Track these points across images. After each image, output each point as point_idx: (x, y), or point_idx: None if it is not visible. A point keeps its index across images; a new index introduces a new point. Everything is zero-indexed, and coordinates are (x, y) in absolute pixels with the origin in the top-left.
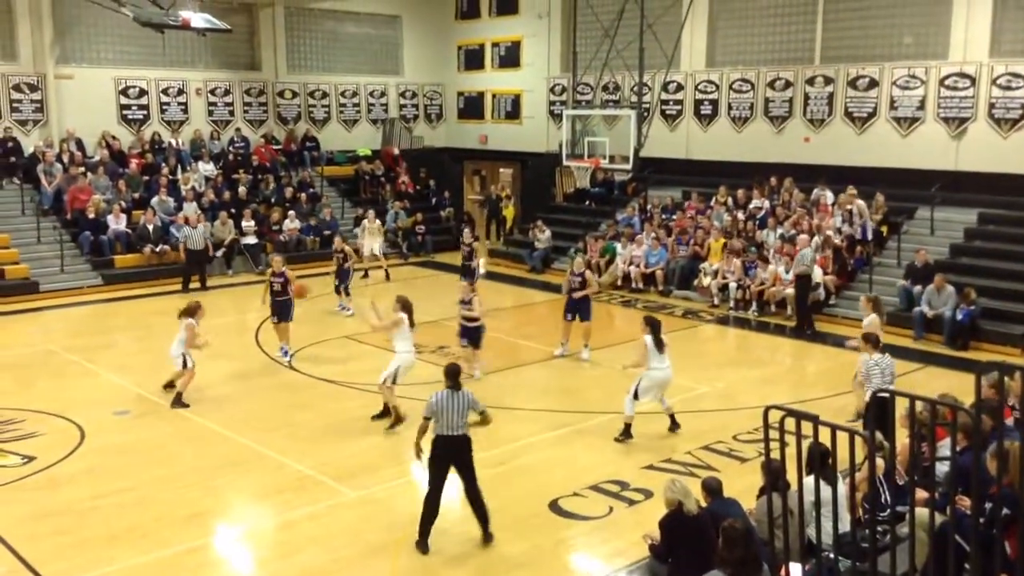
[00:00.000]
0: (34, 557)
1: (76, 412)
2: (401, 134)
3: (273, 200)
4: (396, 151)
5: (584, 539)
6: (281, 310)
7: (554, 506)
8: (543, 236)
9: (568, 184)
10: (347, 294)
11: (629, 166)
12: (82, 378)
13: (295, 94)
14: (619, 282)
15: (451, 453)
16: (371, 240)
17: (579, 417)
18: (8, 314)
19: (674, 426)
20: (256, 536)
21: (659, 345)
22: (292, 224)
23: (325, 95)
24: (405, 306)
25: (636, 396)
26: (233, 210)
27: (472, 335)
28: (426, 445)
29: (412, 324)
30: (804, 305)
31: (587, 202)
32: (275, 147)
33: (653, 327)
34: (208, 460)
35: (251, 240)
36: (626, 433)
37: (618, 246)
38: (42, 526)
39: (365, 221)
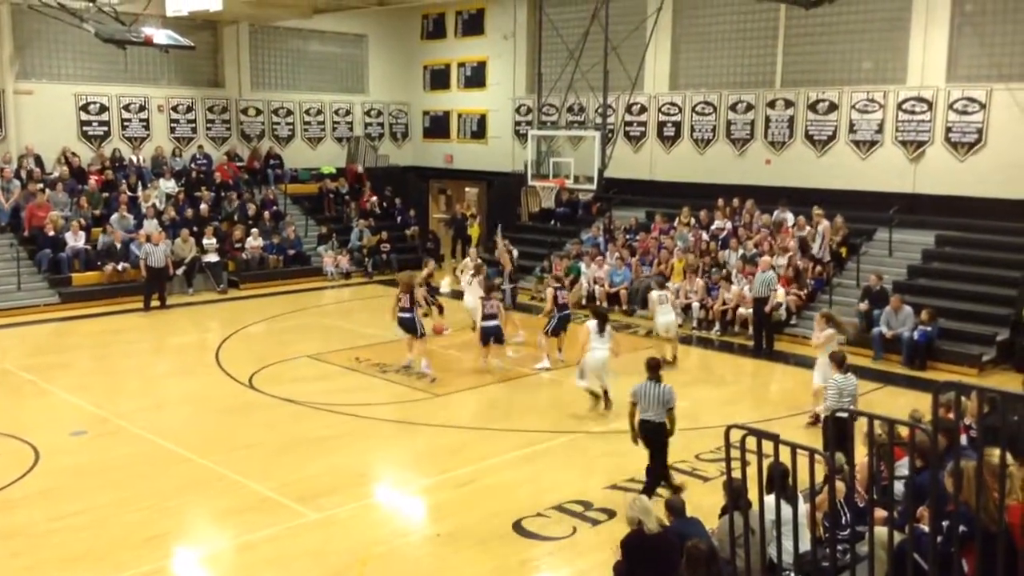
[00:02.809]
0: None
1: (31, 433)
2: (366, 153)
3: (236, 218)
4: (360, 168)
5: (547, 560)
6: (408, 326)
7: (518, 527)
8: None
9: (533, 204)
10: None
11: (593, 186)
12: (38, 398)
13: (259, 111)
14: (583, 301)
15: (649, 436)
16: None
17: (544, 436)
18: None
19: (607, 403)
20: (215, 559)
21: (601, 329)
22: (255, 242)
23: (289, 113)
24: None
25: (581, 376)
26: (195, 228)
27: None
28: None
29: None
30: (761, 327)
31: (552, 222)
32: (238, 164)
33: (599, 315)
34: (166, 481)
35: (213, 258)
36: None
37: (582, 266)
38: (2, 547)
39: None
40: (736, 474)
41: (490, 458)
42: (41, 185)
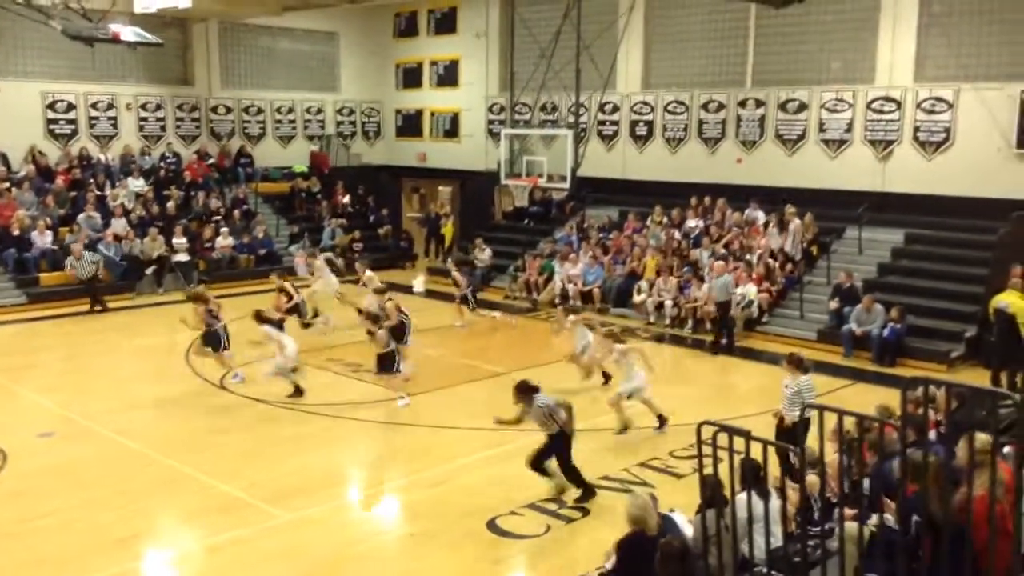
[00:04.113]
0: None
1: (3, 433)
2: (338, 151)
3: (205, 217)
4: (323, 163)
5: (522, 558)
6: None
7: (491, 525)
8: (483, 254)
9: (507, 203)
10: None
11: (566, 185)
12: (4, 399)
13: (229, 110)
14: (557, 300)
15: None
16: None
17: (516, 435)
18: None
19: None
20: (185, 560)
21: None
22: (225, 241)
23: (260, 111)
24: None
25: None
26: (164, 227)
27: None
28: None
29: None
30: (724, 326)
31: (525, 220)
32: (208, 163)
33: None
34: (135, 483)
35: (183, 257)
36: None
37: (556, 264)
38: None
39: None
40: (708, 471)
41: (462, 457)
42: (7, 184)
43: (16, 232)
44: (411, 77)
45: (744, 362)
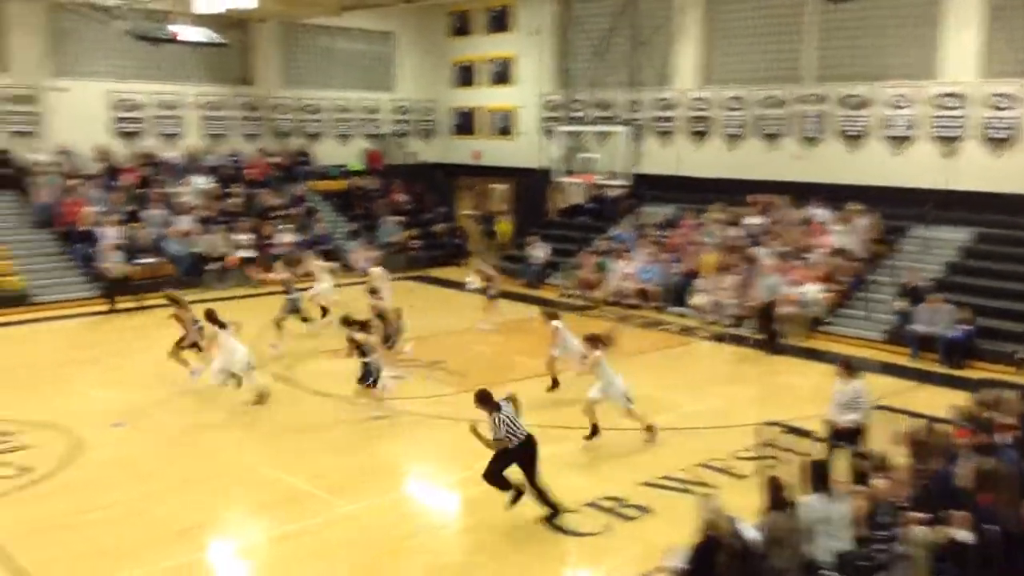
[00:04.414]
0: (25, 568)
1: (72, 424)
2: (394, 149)
3: (266, 214)
4: (384, 162)
5: (580, 556)
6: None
7: (549, 522)
8: (539, 252)
9: (561, 200)
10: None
11: (622, 182)
12: (77, 390)
13: (289, 108)
14: (612, 298)
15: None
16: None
17: (572, 433)
18: (2, 326)
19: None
20: (249, 551)
21: None
22: (286, 238)
23: (319, 110)
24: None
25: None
26: (227, 224)
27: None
28: None
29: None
30: (770, 325)
31: (581, 218)
32: (269, 161)
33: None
34: (201, 474)
35: (246, 254)
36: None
37: (611, 262)
38: (35, 539)
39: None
40: (772, 472)
41: None
42: (77, 181)
43: (85, 228)
44: (466, 75)
45: (806, 363)
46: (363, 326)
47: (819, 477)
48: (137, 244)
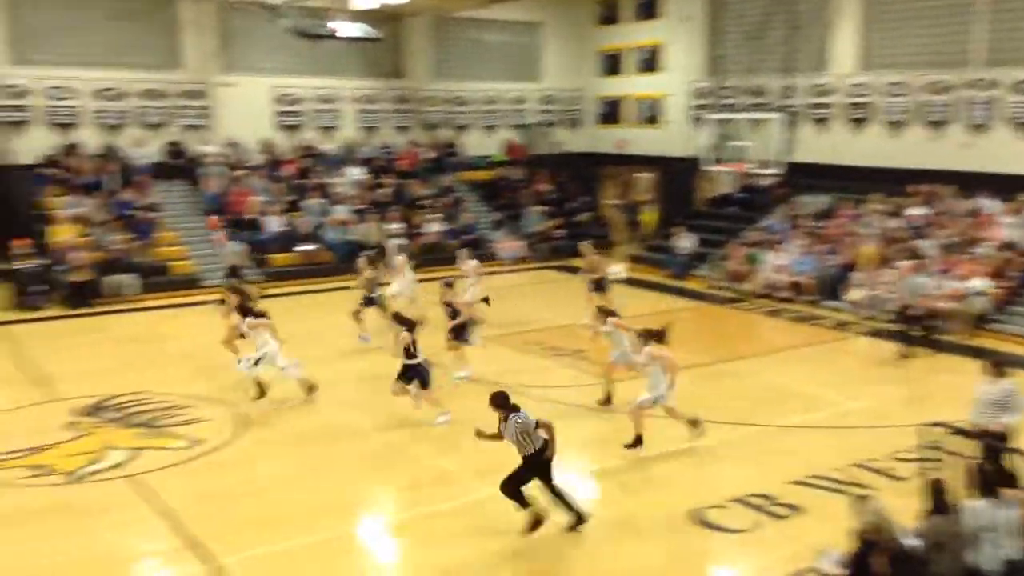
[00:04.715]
0: (195, 535)
1: (239, 400)
2: (539, 139)
3: (416, 204)
4: (527, 152)
5: (727, 552)
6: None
7: (694, 516)
8: (685, 242)
9: (709, 189)
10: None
11: (774, 171)
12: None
13: (438, 100)
14: (763, 291)
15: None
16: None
17: (718, 428)
18: (175, 307)
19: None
20: (400, 528)
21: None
22: (434, 227)
23: (467, 101)
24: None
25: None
26: (380, 213)
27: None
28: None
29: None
30: (918, 323)
31: (730, 208)
32: (419, 152)
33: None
34: (354, 453)
35: (396, 242)
36: None
37: (763, 254)
38: (204, 507)
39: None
40: (933, 474)
41: (661, 446)
42: (242, 172)
43: (250, 216)
44: (613, 64)
45: (970, 362)
46: (411, 326)
47: (988, 482)
48: (297, 232)
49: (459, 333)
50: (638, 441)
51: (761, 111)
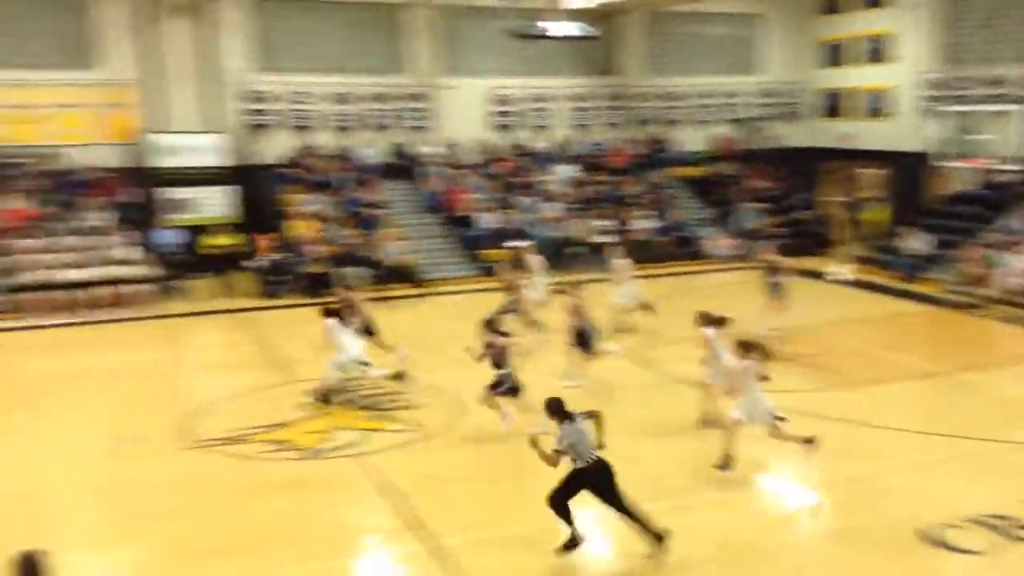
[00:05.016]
0: (416, 515)
1: (458, 388)
2: (754, 134)
3: (626, 201)
4: (738, 148)
5: (960, 574)
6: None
7: (924, 535)
8: (916, 243)
9: (942, 186)
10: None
11: (1015, 167)
12: (460, 358)
13: (651, 96)
14: (1003, 296)
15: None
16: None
17: (951, 442)
18: (399, 298)
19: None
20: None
21: None
22: (645, 224)
23: (680, 97)
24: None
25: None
26: (590, 211)
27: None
28: None
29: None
30: None
31: (967, 206)
32: (630, 149)
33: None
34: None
35: (607, 239)
36: None
37: (1002, 256)
38: (427, 487)
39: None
40: None
41: (887, 459)
42: (459, 171)
43: (466, 214)
44: (835, 55)
45: None
46: (503, 332)
47: None
48: (509, 229)
49: (581, 339)
50: (727, 461)
51: (999, 102)
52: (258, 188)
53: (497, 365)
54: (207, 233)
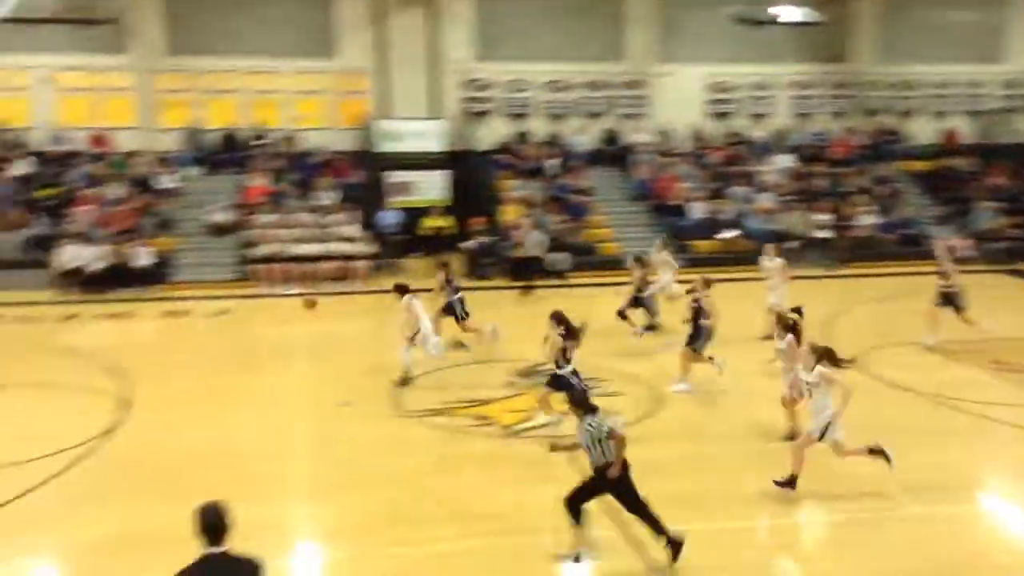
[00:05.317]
0: (609, 501)
1: (654, 381)
2: (999, 127)
3: (848, 194)
4: (970, 141)
5: None
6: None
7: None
8: None
9: None
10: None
11: None
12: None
13: (882, 85)
14: None
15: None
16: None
17: None
18: (599, 286)
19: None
20: (807, 527)
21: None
22: (868, 220)
23: (915, 85)
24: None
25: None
26: (807, 203)
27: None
28: None
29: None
30: None
31: None
32: (855, 140)
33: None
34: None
35: (824, 234)
36: None
37: None
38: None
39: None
40: None
41: None
42: (671, 159)
43: (675, 203)
44: None
45: None
46: (573, 333)
47: None
48: (720, 219)
49: (692, 339)
50: (792, 481)
51: None
52: (472, 173)
53: (559, 364)
54: (425, 215)
